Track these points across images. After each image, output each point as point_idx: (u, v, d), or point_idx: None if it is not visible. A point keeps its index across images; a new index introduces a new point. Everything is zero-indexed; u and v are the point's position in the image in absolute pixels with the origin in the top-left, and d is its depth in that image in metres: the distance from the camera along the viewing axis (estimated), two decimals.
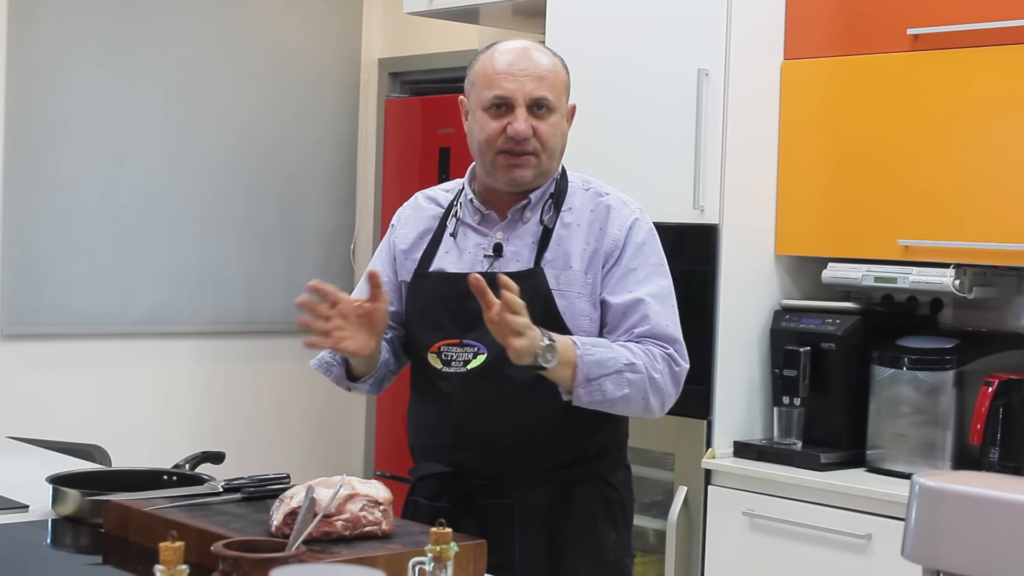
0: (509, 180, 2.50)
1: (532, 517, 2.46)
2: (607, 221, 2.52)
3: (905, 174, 3.58)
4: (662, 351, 2.44)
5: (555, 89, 2.50)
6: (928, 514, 2.32)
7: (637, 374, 2.39)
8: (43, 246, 4.94)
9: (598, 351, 2.37)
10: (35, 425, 4.38)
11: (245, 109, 5.41)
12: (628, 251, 2.50)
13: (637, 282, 2.48)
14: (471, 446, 2.46)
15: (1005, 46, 3.40)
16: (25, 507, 2.56)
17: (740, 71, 3.74)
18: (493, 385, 2.44)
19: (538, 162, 2.49)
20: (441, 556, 1.72)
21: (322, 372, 2.57)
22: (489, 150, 2.50)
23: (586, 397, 2.37)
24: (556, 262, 2.48)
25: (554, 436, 2.47)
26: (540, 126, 2.48)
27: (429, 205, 2.66)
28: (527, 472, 2.47)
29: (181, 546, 1.58)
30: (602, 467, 2.54)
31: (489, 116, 2.50)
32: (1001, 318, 3.72)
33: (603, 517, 2.52)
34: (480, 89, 2.53)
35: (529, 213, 2.53)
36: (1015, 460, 3.40)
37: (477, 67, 2.57)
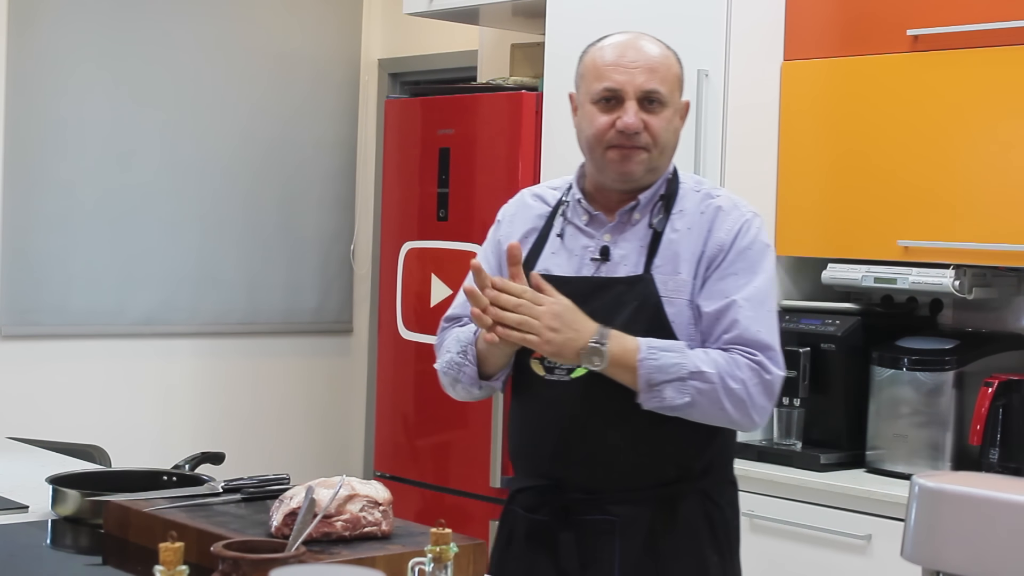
0: (619, 175, 2.40)
1: (633, 535, 2.36)
2: (714, 223, 2.41)
3: (905, 175, 3.58)
4: (749, 359, 2.32)
5: (667, 82, 2.40)
6: (928, 515, 2.32)
7: (708, 383, 2.29)
8: (43, 246, 4.95)
9: (664, 356, 2.29)
10: (35, 425, 4.38)
11: (245, 110, 5.41)
12: (731, 255, 2.38)
13: (734, 286, 2.37)
14: (572, 458, 2.38)
15: (1005, 47, 3.39)
16: (25, 508, 2.56)
17: (740, 72, 3.74)
18: (597, 396, 2.35)
19: (648, 157, 2.39)
20: (441, 557, 1.72)
21: (451, 374, 2.47)
22: (599, 145, 2.40)
23: (648, 403, 2.30)
24: (665, 267, 2.38)
25: (659, 451, 2.38)
26: (651, 120, 2.38)
27: (536, 203, 2.56)
28: (629, 488, 2.37)
29: (181, 547, 1.58)
30: (707, 483, 2.44)
31: (598, 109, 2.40)
32: (1001, 319, 3.72)
33: (706, 539, 2.42)
34: (589, 82, 2.42)
35: (638, 215, 2.43)
36: (1015, 461, 3.39)
37: (586, 59, 2.45)
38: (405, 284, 4.52)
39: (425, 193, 4.49)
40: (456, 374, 2.46)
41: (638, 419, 2.34)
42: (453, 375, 2.46)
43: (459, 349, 2.45)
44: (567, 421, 2.38)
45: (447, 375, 2.48)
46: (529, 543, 2.42)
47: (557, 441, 2.39)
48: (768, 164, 3.84)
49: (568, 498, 2.38)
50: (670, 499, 2.39)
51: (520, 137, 4.18)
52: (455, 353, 2.46)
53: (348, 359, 5.82)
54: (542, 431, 2.41)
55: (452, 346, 2.48)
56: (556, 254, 2.46)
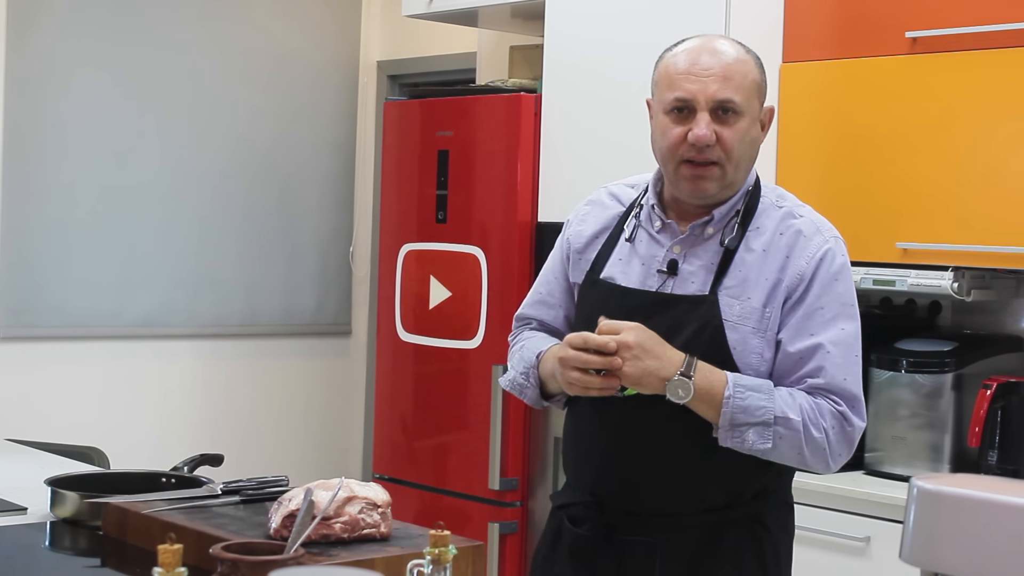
0: (691, 192, 2.29)
1: (677, 559, 2.29)
2: (794, 249, 2.29)
3: (903, 177, 3.59)
4: (833, 408, 2.24)
5: (743, 91, 2.27)
6: (926, 517, 2.32)
7: (791, 430, 2.20)
8: (42, 248, 4.94)
9: (752, 397, 2.20)
10: (33, 427, 4.38)
11: (244, 111, 5.41)
12: (815, 288, 2.27)
13: (821, 324, 2.26)
14: (615, 478, 2.32)
15: (1003, 49, 3.40)
16: (23, 509, 2.56)
17: None
18: (647, 416, 2.26)
19: (722, 173, 2.27)
20: (439, 559, 1.72)
21: (514, 393, 2.45)
22: (671, 158, 2.28)
23: (728, 442, 2.22)
24: (734, 290, 2.27)
25: (709, 478, 2.29)
26: (724, 132, 2.25)
27: (612, 203, 2.45)
28: (675, 512, 2.31)
29: (180, 548, 1.58)
30: (758, 508, 2.35)
31: (671, 120, 2.28)
32: (999, 321, 3.72)
33: (752, 565, 2.33)
34: (662, 90, 2.31)
35: (711, 230, 2.32)
36: (1013, 463, 3.40)
37: (660, 66, 2.34)
38: (404, 286, 4.52)
39: (424, 195, 4.49)
40: (519, 393, 2.45)
41: (689, 444, 2.27)
42: (516, 393, 2.45)
43: (522, 369, 2.42)
44: (614, 440, 2.32)
45: (513, 392, 2.46)
46: (572, 556, 2.37)
47: (602, 459, 2.33)
48: (767, 166, 3.84)
49: (611, 517, 2.33)
50: (717, 524, 2.31)
51: (519, 139, 4.18)
52: (518, 373, 2.44)
53: (347, 361, 5.82)
54: (589, 447, 2.37)
55: (517, 364, 2.45)
56: (623, 260, 2.37)
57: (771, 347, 2.27)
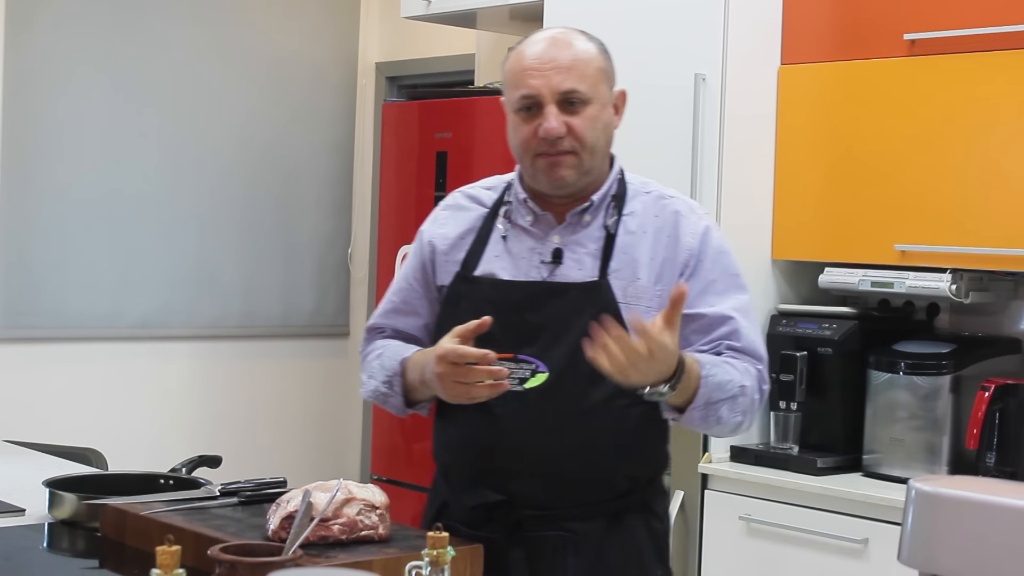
0: (551, 183, 2.31)
1: (585, 551, 2.30)
2: (677, 228, 2.34)
3: (902, 179, 3.59)
4: (757, 371, 2.30)
5: (588, 78, 2.29)
6: (924, 519, 2.32)
7: (746, 397, 2.26)
8: (40, 249, 4.94)
9: (717, 371, 2.22)
10: (32, 429, 4.37)
11: (242, 113, 5.41)
12: (706, 262, 2.33)
13: (718, 295, 2.32)
14: (527, 474, 2.28)
15: (1002, 51, 3.40)
16: (22, 511, 2.56)
17: (737, 75, 3.74)
18: (554, 408, 2.26)
19: (577, 161, 2.29)
20: (438, 560, 1.72)
21: (377, 403, 2.41)
22: (526, 154, 2.32)
23: (699, 421, 2.23)
24: (622, 272, 2.30)
25: (615, 464, 2.32)
26: (574, 121, 2.27)
27: (471, 204, 2.46)
28: (584, 503, 2.30)
29: (178, 550, 1.58)
30: (649, 495, 2.39)
31: (520, 118, 2.31)
32: (997, 323, 3.72)
33: (650, 551, 2.37)
34: (509, 89, 2.34)
35: (589, 216, 2.34)
36: (1011, 465, 3.40)
37: (507, 66, 2.36)
38: None
39: (422, 196, 4.49)
40: (382, 402, 2.40)
41: (595, 432, 2.28)
42: (379, 403, 2.41)
43: (384, 378, 2.38)
44: (522, 436, 2.27)
45: (375, 401, 2.42)
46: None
47: (510, 457, 2.28)
48: (765, 168, 3.84)
49: (521, 515, 2.29)
50: (617, 513, 2.33)
51: None
52: (380, 382, 2.38)
53: (345, 362, 5.82)
54: (491, 445, 2.30)
55: (377, 373, 2.40)
56: (500, 257, 2.35)
57: None
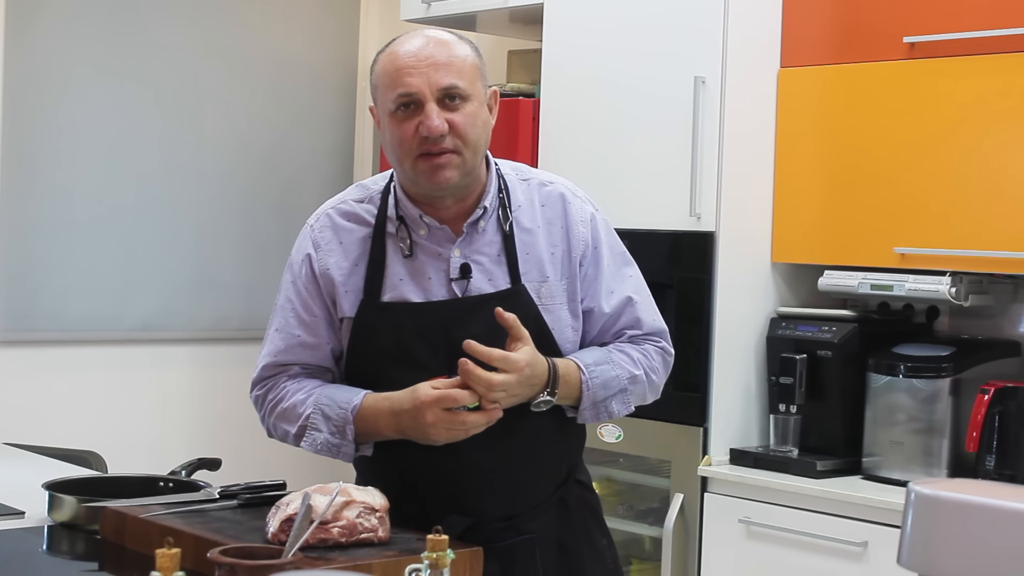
0: (434, 185, 2.23)
1: (548, 546, 2.34)
2: (567, 218, 2.33)
3: (901, 182, 3.59)
4: (656, 347, 2.39)
5: (465, 75, 2.23)
6: (924, 522, 2.32)
7: (638, 384, 2.34)
8: (40, 252, 4.94)
9: (601, 371, 2.28)
10: (31, 431, 4.37)
11: (242, 115, 5.41)
12: (600, 249, 2.34)
13: (617, 279, 2.36)
14: (486, 489, 2.28)
15: (1002, 54, 3.40)
16: (21, 513, 2.56)
17: (737, 79, 3.75)
18: (501, 422, 2.21)
19: (461, 160, 2.22)
20: (437, 563, 1.72)
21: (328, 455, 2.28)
22: (407, 156, 2.23)
23: (593, 418, 2.32)
24: (531, 274, 2.28)
25: (558, 459, 2.38)
26: (455, 119, 2.21)
27: (351, 224, 2.35)
28: (539, 502, 2.35)
29: (177, 553, 1.58)
30: (579, 471, 2.46)
31: (398, 119, 2.22)
32: (997, 326, 3.72)
33: (592, 524, 2.44)
34: (384, 92, 2.25)
35: (484, 223, 2.30)
36: (1011, 468, 3.40)
37: (377, 69, 2.27)
38: None
39: None
40: (334, 454, 2.28)
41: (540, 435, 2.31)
42: (331, 455, 2.28)
43: (332, 429, 2.25)
44: (476, 455, 2.24)
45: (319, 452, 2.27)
46: None
47: (466, 475, 2.27)
48: (765, 171, 3.85)
49: (490, 528, 2.28)
50: (562, 499, 2.39)
51: (517, 143, 4.18)
52: (327, 434, 2.25)
53: None
54: (449, 470, 2.27)
55: (319, 423, 2.26)
56: (405, 280, 2.27)
57: (578, 316, 2.33)
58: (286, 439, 2.35)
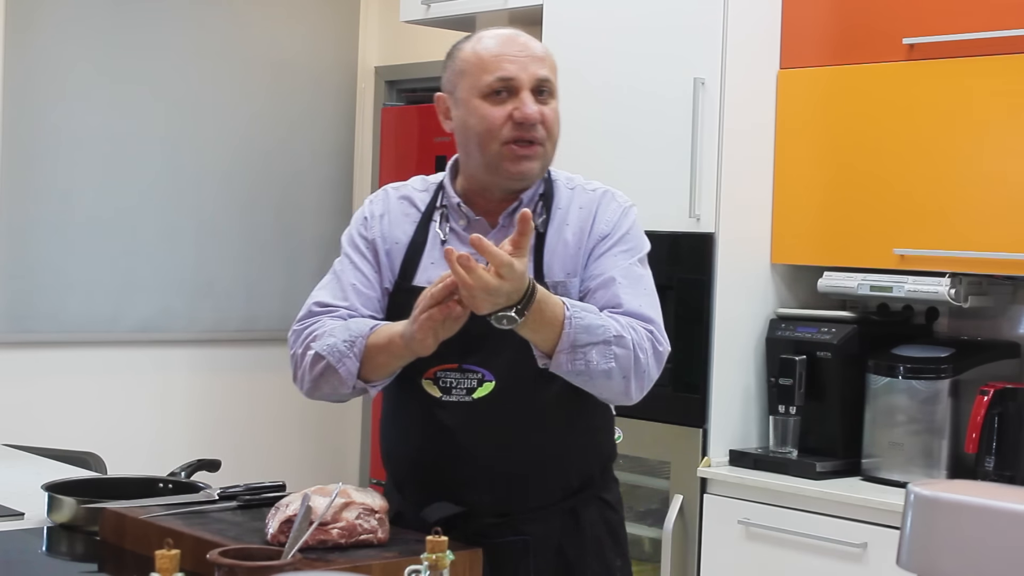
0: (517, 174, 2.26)
1: (545, 551, 2.30)
2: (596, 214, 2.32)
3: (901, 183, 3.59)
4: (645, 329, 2.23)
5: (554, 72, 2.32)
6: (923, 523, 2.32)
7: (624, 349, 2.17)
8: (39, 253, 4.94)
9: (588, 316, 2.15)
10: (31, 433, 4.37)
11: (242, 117, 5.41)
12: (612, 238, 2.31)
13: (612, 264, 2.28)
14: (481, 482, 2.27)
15: (1001, 56, 3.40)
16: (20, 515, 2.56)
17: (736, 80, 3.75)
18: (503, 416, 2.24)
19: (544, 152, 2.28)
20: (437, 564, 1.72)
21: (332, 360, 2.23)
22: (493, 141, 2.24)
23: (567, 365, 2.14)
24: (554, 269, 2.29)
25: (566, 464, 2.32)
26: (545, 111, 2.26)
27: (404, 206, 2.40)
28: (540, 505, 2.30)
29: (177, 554, 1.58)
30: (602, 486, 2.39)
31: (488, 103, 2.24)
32: (996, 327, 3.72)
33: (609, 543, 2.38)
34: (475, 75, 2.26)
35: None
36: (1010, 469, 3.40)
37: (465, 55, 2.30)
38: None
39: None
40: (335, 361, 2.23)
41: (546, 435, 2.28)
42: (330, 362, 2.23)
43: (346, 337, 2.24)
44: (474, 446, 2.25)
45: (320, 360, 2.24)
46: None
47: (465, 468, 2.26)
48: (764, 172, 3.85)
49: (480, 523, 2.27)
50: (573, 509, 2.33)
51: None
52: (340, 340, 2.23)
53: None
54: (445, 457, 2.27)
55: (339, 333, 2.25)
56: (436, 264, 2.29)
57: None
58: (305, 356, 2.29)
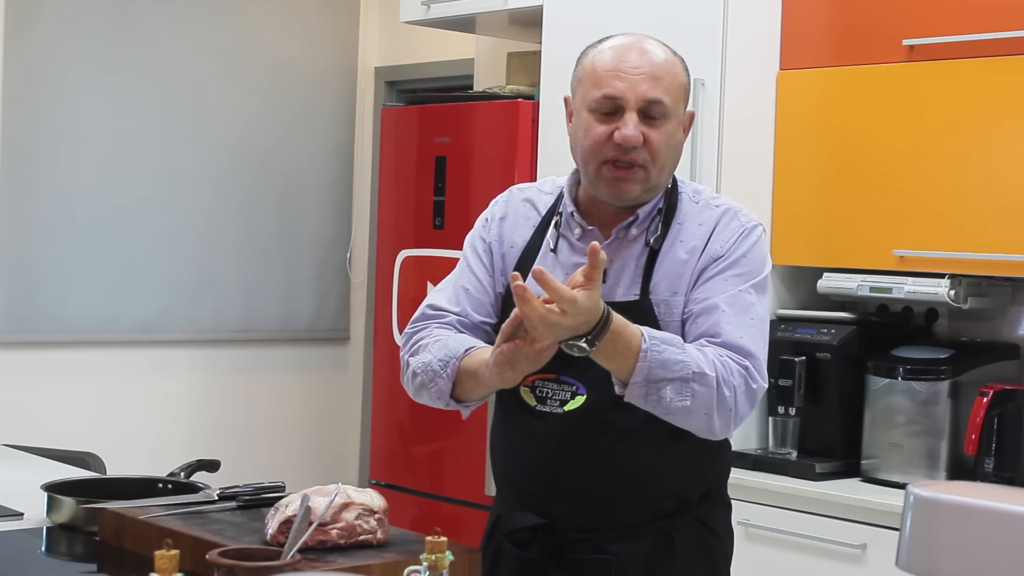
0: (612, 195, 2.22)
1: (631, 572, 2.23)
2: (713, 233, 2.23)
3: (901, 184, 3.59)
4: (739, 365, 2.14)
5: (672, 92, 2.20)
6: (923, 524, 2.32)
7: (706, 387, 2.09)
8: (39, 254, 4.94)
9: (668, 350, 2.07)
10: (30, 433, 4.37)
11: (242, 117, 5.41)
12: (723, 262, 2.21)
13: (721, 289, 2.19)
14: (565, 496, 2.23)
15: (1000, 57, 3.40)
16: (20, 515, 2.56)
17: (736, 81, 3.75)
18: (592, 431, 2.20)
19: (646, 175, 2.20)
20: (436, 565, 1.72)
21: (425, 379, 2.24)
22: (593, 158, 2.20)
23: (640, 399, 2.09)
24: (660, 287, 2.21)
25: (657, 486, 2.25)
26: (652, 134, 2.18)
27: (527, 209, 2.36)
28: (626, 525, 2.24)
29: (176, 554, 1.58)
30: (702, 510, 2.31)
31: (595, 119, 2.20)
32: (996, 328, 3.72)
33: (703, 567, 2.30)
34: (587, 87, 2.23)
35: (635, 231, 2.25)
36: (1010, 470, 3.40)
37: (585, 62, 2.26)
38: (401, 292, 4.52)
39: (421, 201, 4.49)
40: (428, 380, 2.24)
41: (636, 455, 2.22)
42: (423, 380, 2.25)
43: (441, 356, 2.23)
44: (559, 458, 2.23)
45: (416, 377, 2.26)
46: None
47: (550, 479, 2.24)
48: (764, 173, 3.85)
49: (561, 537, 2.24)
50: (666, 532, 2.26)
51: (516, 145, 4.18)
52: (435, 359, 2.24)
53: (344, 367, 5.82)
54: (532, 466, 2.26)
55: (436, 350, 2.25)
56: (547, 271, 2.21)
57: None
58: (408, 367, 2.30)
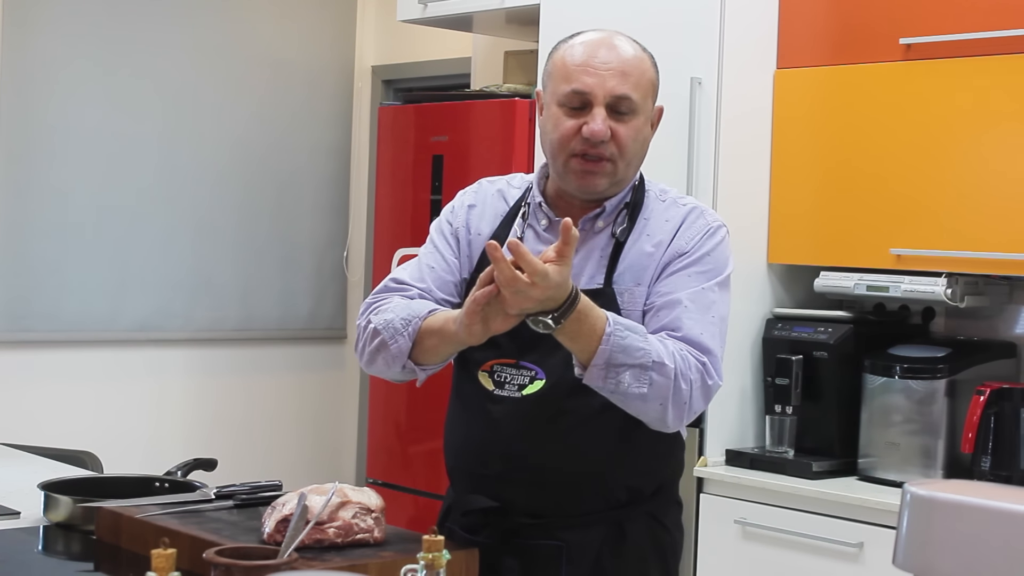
0: (579, 187, 2.26)
1: (581, 560, 2.25)
2: (681, 224, 2.29)
3: (897, 183, 3.59)
4: (697, 360, 2.18)
5: (640, 88, 2.24)
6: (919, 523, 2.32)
7: (664, 377, 2.12)
8: (36, 253, 4.94)
9: (631, 336, 2.10)
10: (27, 432, 4.37)
11: (239, 116, 5.41)
12: (686, 259, 2.26)
13: (683, 284, 2.23)
14: (520, 480, 2.25)
15: (998, 56, 3.41)
16: (16, 514, 2.56)
17: (733, 80, 3.75)
18: (549, 415, 2.22)
19: (613, 169, 2.24)
20: (433, 564, 1.72)
21: (386, 337, 2.22)
22: (562, 151, 2.25)
23: (599, 381, 2.11)
24: (625, 278, 2.25)
25: (612, 475, 2.27)
26: (619, 129, 2.22)
27: (495, 200, 2.39)
28: (579, 512, 2.26)
29: (173, 553, 1.58)
30: (655, 505, 2.34)
31: (564, 113, 2.24)
32: (993, 327, 3.72)
33: (654, 562, 2.33)
34: (557, 82, 2.26)
35: (601, 223, 2.29)
36: (1006, 469, 3.40)
37: (555, 57, 2.29)
38: None
39: (418, 200, 4.49)
40: (388, 337, 2.22)
41: (592, 441, 2.24)
42: (384, 338, 2.23)
43: (404, 315, 2.23)
44: (516, 442, 2.24)
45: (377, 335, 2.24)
46: None
47: (504, 462, 2.25)
48: (761, 172, 3.85)
49: (513, 522, 2.26)
50: (618, 522, 2.29)
51: (513, 144, 4.18)
52: (398, 318, 2.23)
53: (341, 366, 5.82)
54: (487, 450, 2.27)
55: (399, 310, 2.25)
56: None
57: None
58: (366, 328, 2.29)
